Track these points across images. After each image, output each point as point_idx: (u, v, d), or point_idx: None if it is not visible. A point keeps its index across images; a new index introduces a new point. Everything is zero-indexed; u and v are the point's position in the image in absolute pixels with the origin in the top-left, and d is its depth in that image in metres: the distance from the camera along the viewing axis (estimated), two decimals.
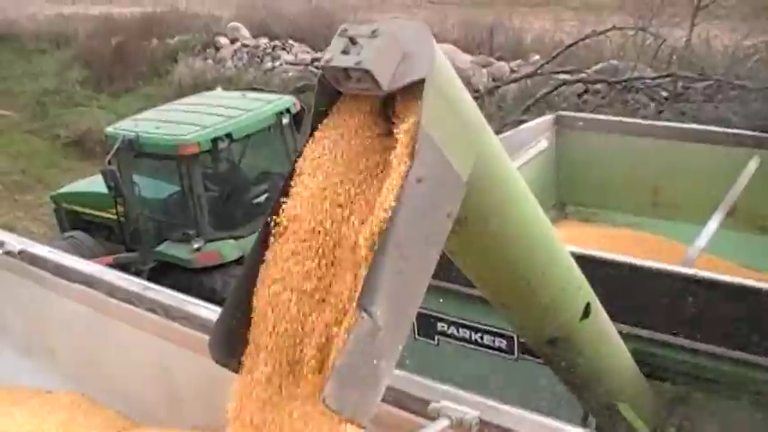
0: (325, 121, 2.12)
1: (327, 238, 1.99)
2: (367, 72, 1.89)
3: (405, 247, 1.81)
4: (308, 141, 2.12)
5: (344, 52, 1.93)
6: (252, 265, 2.10)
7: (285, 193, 2.08)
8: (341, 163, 2.03)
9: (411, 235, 1.83)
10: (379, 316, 1.74)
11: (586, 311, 3.03)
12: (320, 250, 1.99)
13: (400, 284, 1.80)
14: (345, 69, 1.94)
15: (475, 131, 2.12)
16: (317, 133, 2.11)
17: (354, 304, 1.80)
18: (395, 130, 1.97)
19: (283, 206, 2.06)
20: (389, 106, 2.05)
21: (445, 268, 2.63)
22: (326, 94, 2.10)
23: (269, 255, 2.07)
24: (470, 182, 2.03)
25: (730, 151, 6.28)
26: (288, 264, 2.00)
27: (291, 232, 2.02)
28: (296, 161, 2.11)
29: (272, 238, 2.08)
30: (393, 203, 1.82)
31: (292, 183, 2.08)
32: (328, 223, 1.99)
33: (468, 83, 15.98)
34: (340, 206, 2.00)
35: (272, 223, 2.07)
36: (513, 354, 4.83)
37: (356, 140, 2.06)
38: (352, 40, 1.92)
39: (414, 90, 1.93)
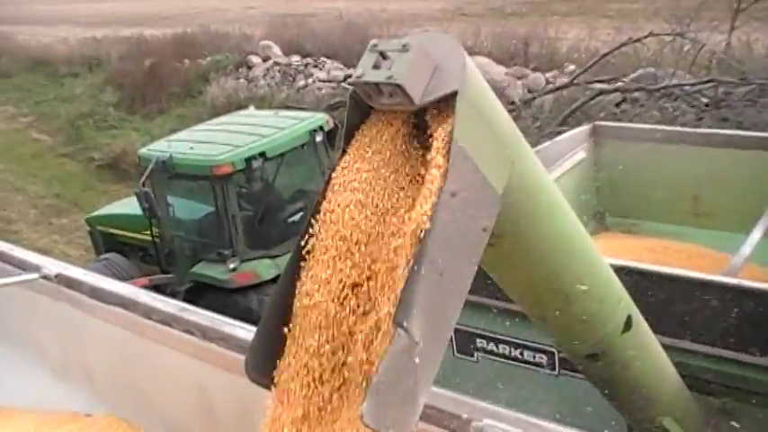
0: (357, 136, 2.14)
1: (363, 253, 2.01)
2: (398, 86, 1.91)
3: (440, 263, 1.82)
4: (340, 157, 2.14)
5: (375, 67, 1.95)
6: (287, 282, 2.12)
7: (318, 210, 2.10)
8: (374, 178, 2.05)
9: (446, 250, 1.84)
10: (415, 332, 1.75)
11: (628, 324, 3.01)
12: (356, 266, 2.00)
13: (436, 300, 1.81)
14: (377, 84, 1.96)
15: (509, 143, 2.13)
16: (349, 149, 2.13)
17: (391, 321, 1.81)
18: (428, 145, 1.98)
19: (317, 222, 2.08)
20: (422, 120, 2.06)
21: (483, 283, 2.63)
22: (358, 110, 2.12)
23: (304, 272, 2.09)
24: (506, 195, 2.04)
25: None
26: (323, 280, 2.02)
27: (326, 248, 2.04)
28: (329, 178, 2.13)
29: (306, 255, 2.09)
30: (427, 218, 1.83)
31: (326, 199, 2.10)
32: (363, 238, 2.01)
33: (502, 95, 16.00)
34: (375, 221, 2.02)
35: (307, 240, 2.09)
36: (554, 369, 4.80)
37: (389, 155, 2.07)
38: (383, 55, 1.94)
39: (446, 103, 1.94)
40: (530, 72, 17.71)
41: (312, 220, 2.10)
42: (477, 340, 5.04)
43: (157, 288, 9.59)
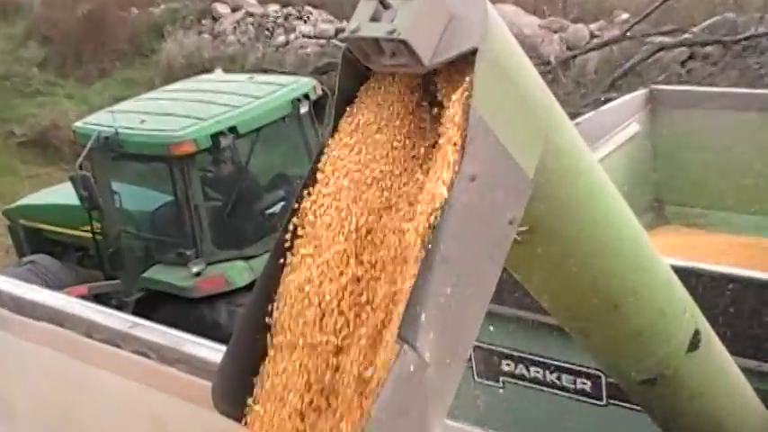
0: (352, 107, 2.17)
1: (361, 247, 2.05)
2: (403, 43, 1.93)
3: (456, 263, 1.85)
4: (332, 134, 2.18)
5: (374, 19, 1.98)
6: (266, 285, 2.16)
7: (305, 195, 2.14)
8: (374, 159, 2.09)
9: (463, 247, 1.87)
10: (424, 349, 1.78)
11: (694, 341, 3.04)
12: (352, 262, 2.04)
13: (451, 309, 1.84)
14: (376, 41, 1.98)
15: (542, 115, 2.16)
16: (342, 123, 2.16)
17: (395, 334, 1.84)
18: (440, 116, 2.01)
19: (304, 210, 2.12)
20: (433, 86, 2.09)
21: (510, 289, 2.67)
22: (353, 74, 2.15)
23: (288, 270, 2.13)
24: (538, 179, 2.07)
25: None
26: (313, 279, 2.06)
27: (316, 241, 2.08)
28: (318, 157, 2.16)
29: (290, 251, 2.13)
30: (440, 208, 1.86)
31: (314, 183, 2.14)
32: (361, 233, 2.05)
33: (535, 53, 15.98)
34: (374, 211, 2.06)
35: (291, 231, 2.14)
36: (600, 398, 4.83)
37: (392, 131, 2.11)
38: (384, 4, 1.97)
39: (463, 64, 1.97)
40: (569, 23, 17.72)
41: (296, 209, 2.13)
42: (504, 362, 5.07)
43: (100, 298, 9.62)
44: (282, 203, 10.26)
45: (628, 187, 3.72)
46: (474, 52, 1.93)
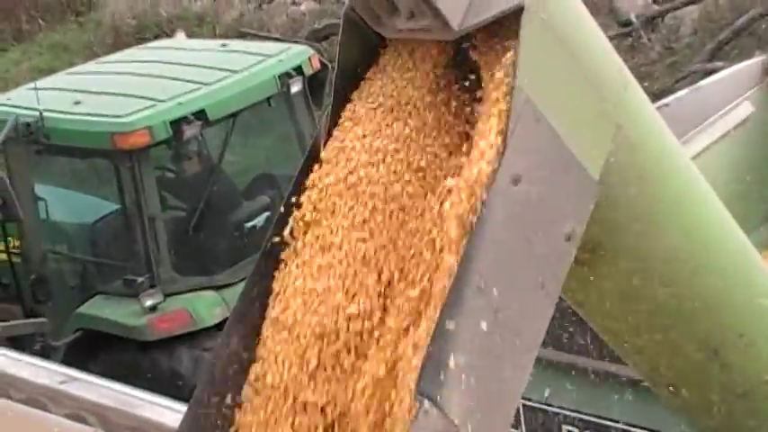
0: (359, 87, 2.21)
1: (368, 275, 2.10)
2: (425, 0, 1.96)
3: (494, 292, 1.88)
4: (330, 121, 2.23)
5: None
6: (247, 306, 2.24)
7: (297, 194, 2.20)
8: (389, 159, 2.13)
9: (504, 272, 1.91)
10: (452, 408, 1.82)
11: None
12: (363, 283, 2.10)
13: (488, 354, 1.88)
14: None
15: (612, 96, 2.19)
16: (345, 108, 2.21)
17: (412, 388, 1.87)
18: (475, 96, 2.07)
19: (298, 217, 2.19)
20: (466, 57, 2.13)
21: (572, 330, 2.70)
22: (359, 42, 2.20)
23: (277, 295, 2.19)
24: (606, 181, 2.11)
25: None
26: (312, 296, 2.12)
27: (311, 254, 2.15)
28: (310, 156, 2.21)
29: (283, 263, 2.20)
30: (472, 220, 1.90)
31: (310, 181, 2.20)
32: (369, 247, 2.10)
33: (609, 9, 15.96)
34: (386, 221, 2.11)
35: (280, 241, 2.21)
36: None
37: (413, 118, 2.15)
38: None
39: (505, 28, 2.01)
40: None
41: (287, 212, 2.20)
42: (564, 428, 5.15)
43: (18, 342, 9.61)
44: (267, 214, 10.24)
45: (736, 191, 3.74)
46: (519, 11, 1.96)
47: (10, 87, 11.51)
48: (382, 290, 2.10)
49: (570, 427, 5.08)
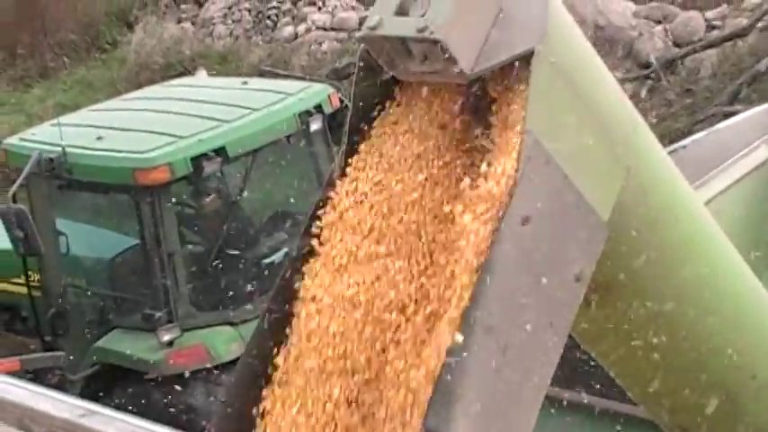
0: (374, 127, 2.24)
1: (386, 304, 2.12)
2: (437, 43, 1.99)
3: (502, 331, 1.90)
4: (344, 161, 2.25)
5: (401, 12, 2.05)
6: (254, 360, 2.26)
7: (311, 234, 2.24)
8: (400, 191, 2.15)
9: (513, 311, 1.93)
10: None
11: None
12: (376, 324, 2.12)
13: (496, 392, 1.89)
14: (402, 40, 2.05)
15: (622, 136, 2.21)
16: (359, 148, 2.24)
17: (419, 425, 1.90)
18: (489, 138, 2.09)
19: (306, 272, 2.22)
20: (479, 100, 2.15)
21: (586, 371, 2.71)
22: (374, 81, 2.22)
23: (294, 331, 2.23)
24: (616, 223, 2.13)
25: None
26: (325, 344, 2.14)
27: (327, 290, 2.17)
28: (326, 193, 2.25)
29: (298, 303, 2.23)
30: (482, 258, 1.92)
31: (324, 218, 2.23)
32: (382, 287, 2.12)
33: (629, 51, 15.97)
34: (402, 282, 2.12)
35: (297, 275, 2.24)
36: None
37: (426, 160, 2.17)
38: None
39: (516, 72, 2.03)
40: (678, 10, 17.70)
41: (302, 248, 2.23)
42: None
43: (36, 375, 9.65)
44: (284, 250, 10.23)
45: (753, 235, 3.74)
46: (530, 56, 1.99)
47: (34, 123, 11.54)
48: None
49: None
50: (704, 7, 17.44)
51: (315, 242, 2.22)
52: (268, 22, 21.18)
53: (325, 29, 20.31)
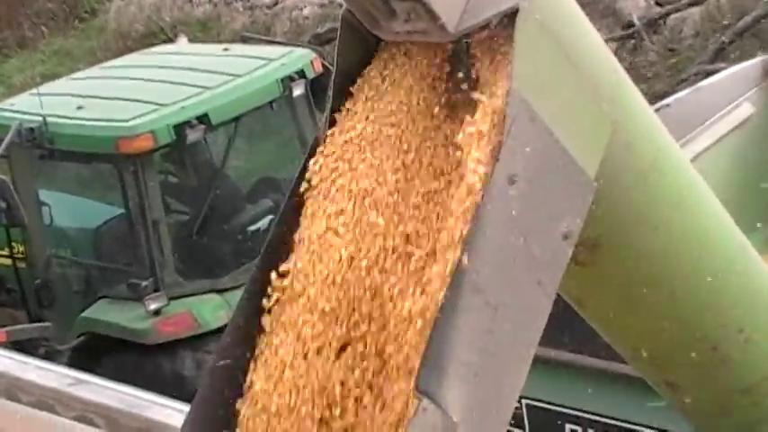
0: (356, 89, 2.24)
1: (368, 276, 2.12)
2: (421, 2, 1.98)
3: (492, 291, 1.91)
4: (328, 125, 2.25)
5: None
6: (241, 328, 2.26)
7: (291, 216, 2.23)
8: (385, 161, 2.15)
9: (502, 271, 1.93)
10: (452, 405, 1.84)
11: None
12: (355, 298, 2.12)
13: (487, 351, 1.90)
14: (386, 0, 2.04)
15: (608, 94, 2.21)
16: (343, 111, 2.23)
17: (412, 386, 1.89)
18: (475, 98, 2.07)
19: (296, 226, 2.21)
20: (464, 57, 2.15)
21: (573, 329, 2.71)
22: (357, 44, 2.22)
23: (278, 303, 2.22)
24: (603, 180, 2.13)
25: None
26: (304, 331, 2.14)
27: (312, 266, 2.16)
28: (308, 159, 2.24)
29: (279, 279, 2.22)
30: (468, 219, 1.92)
31: (306, 188, 2.22)
32: (371, 253, 2.12)
33: (611, 11, 15.95)
34: (389, 223, 2.12)
35: (279, 250, 2.23)
36: None
37: (409, 121, 2.17)
38: None
39: (501, 29, 2.03)
40: None
41: (286, 221, 2.23)
42: (568, 426, 5.13)
43: (23, 347, 9.63)
44: (270, 217, 10.26)
45: (736, 191, 3.74)
46: (514, 13, 1.98)
47: (13, 94, 11.53)
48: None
49: (574, 426, 5.09)
50: None
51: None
52: None
53: None
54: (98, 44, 19.98)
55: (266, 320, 2.24)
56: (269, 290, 2.22)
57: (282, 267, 2.20)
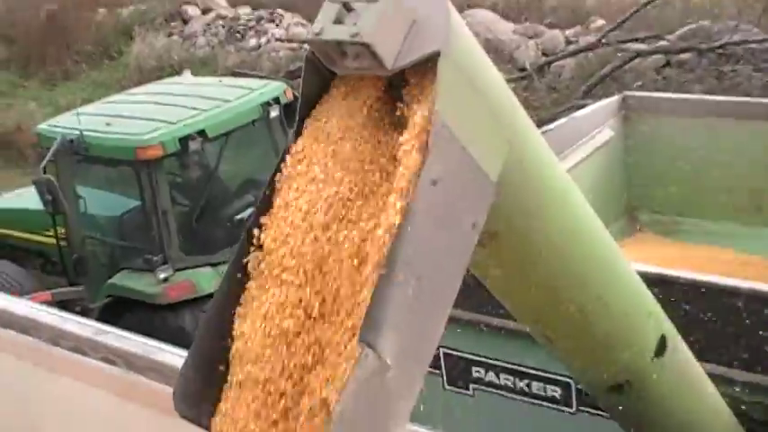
0: (316, 111, 2.21)
1: (323, 259, 2.07)
2: (366, 46, 1.97)
3: (417, 266, 1.89)
4: (295, 138, 2.21)
5: (338, 21, 2.01)
6: (227, 293, 2.20)
7: (266, 204, 2.18)
8: (337, 165, 2.12)
9: (425, 251, 1.92)
10: (386, 352, 1.83)
11: (661, 347, 3.08)
12: (314, 275, 2.07)
13: (413, 312, 1.89)
14: (339, 43, 2.02)
15: (506, 119, 2.21)
16: (306, 128, 2.20)
17: (355, 338, 1.88)
18: (407, 121, 2.05)
19: (265, 221, 2.16)
20: (397, 90, 2.13)
21: (480, 295, 2.72)
22: (317, 77, 2.19)
23: (248, 288, 2.17)
24: (502, 183, 2.12)
25: None
26: (272, 292, 2.09)
27: (276, 253, 2.12)
28: (280, 163, 2.20)
29: (251, 261, 2.17)
30: (402, 211, 1.90)
31: (276, 190, 2.18)
32: (324, 241, 2.07)
33: (510, 59, 16.05)
34: (338, 219, 2.08)
35: (250, 241, 2.17)
36: (569, 405, 4.86)
37: (356, 135, 2.14)
38: (347, 6, 2.00)
39: (426, 68, 2.02)
40: (545, 29, 17.76)
41: (258, 218, 2.18)
42: (474, 369, 5.10)
43: (63, 305, 9.59)
44: (251, 209, 10.24)
45: (599, 194, 3.76)
46: (437, 56, 1.98)
47: (59, 113, 11.51)
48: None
49: (478, 368, 5.10)
50: (564, 27, 17.69)
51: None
52: (238, 35, 21.25)
53: (281, 40, 20.40)
54: (123, 76, 19.90)
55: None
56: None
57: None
